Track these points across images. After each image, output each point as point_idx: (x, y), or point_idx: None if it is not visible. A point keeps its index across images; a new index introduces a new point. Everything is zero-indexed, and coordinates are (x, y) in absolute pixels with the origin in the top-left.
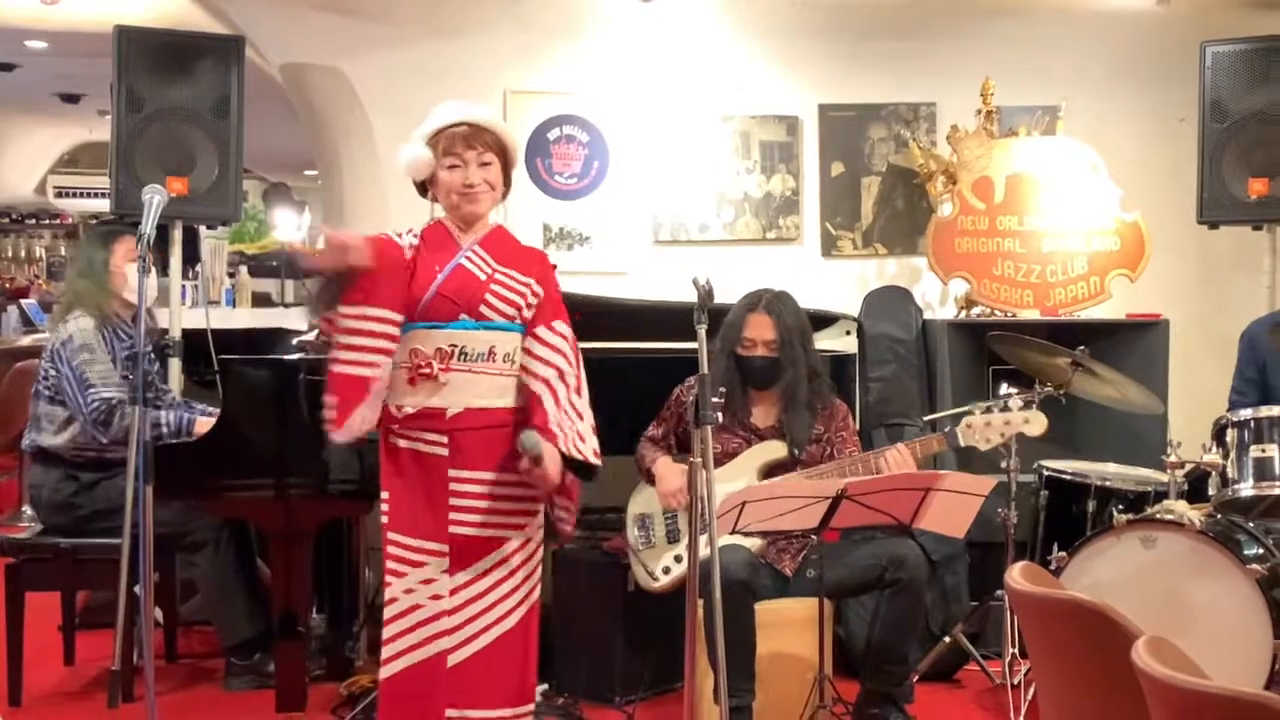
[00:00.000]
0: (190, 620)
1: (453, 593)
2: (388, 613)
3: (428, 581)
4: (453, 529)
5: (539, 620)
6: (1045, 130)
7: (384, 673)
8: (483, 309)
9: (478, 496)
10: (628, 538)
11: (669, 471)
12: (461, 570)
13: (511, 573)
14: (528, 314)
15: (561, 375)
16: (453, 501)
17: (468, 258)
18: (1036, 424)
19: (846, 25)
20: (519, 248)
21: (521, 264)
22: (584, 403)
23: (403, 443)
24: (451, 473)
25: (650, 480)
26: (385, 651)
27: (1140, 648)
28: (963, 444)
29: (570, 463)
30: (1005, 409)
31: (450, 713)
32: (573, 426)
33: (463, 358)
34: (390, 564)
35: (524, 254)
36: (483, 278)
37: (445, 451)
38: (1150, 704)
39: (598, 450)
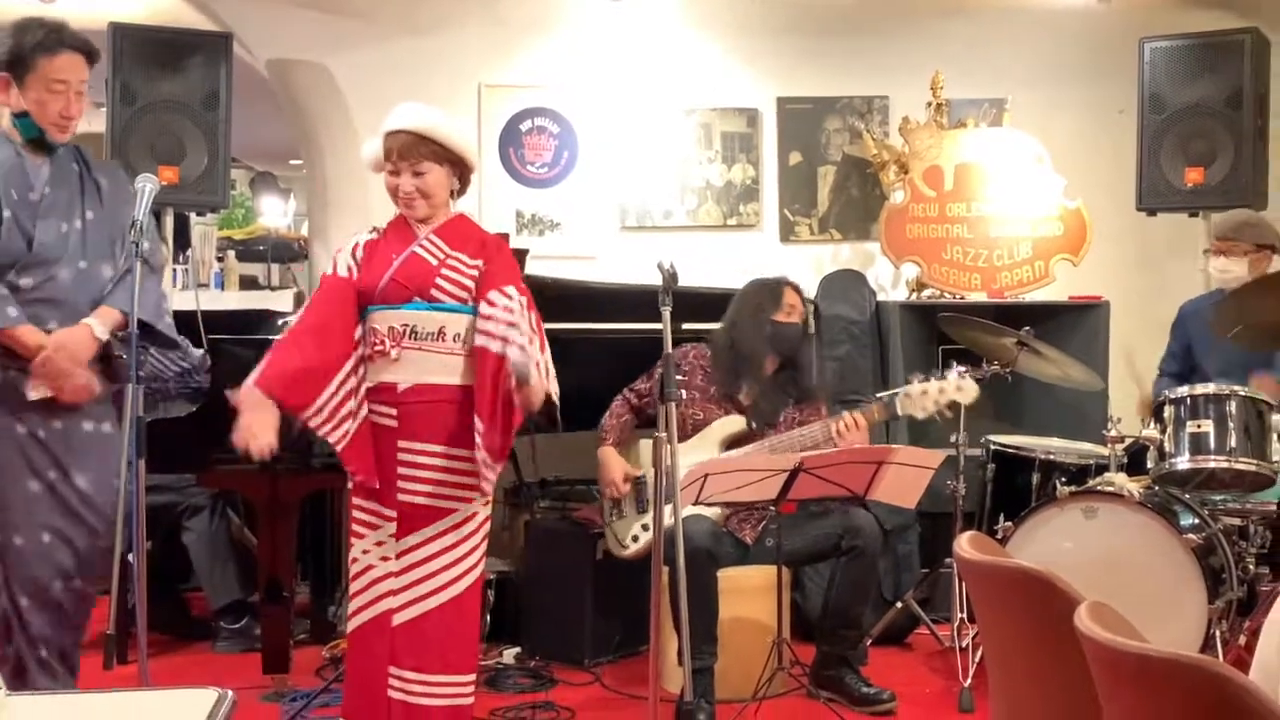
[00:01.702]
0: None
1: (399, 556)
2: (350, 572)
3: (379, 544)
4: (400, 496)
5: (483, 596)
6: (992, 122)
7: (349, 626)
8: (434, 292)
9: (425, 467)
10: (600, 509)
11: (609, 459)
12: (407, 535)
13: (457, 543)
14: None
15: (512, 340)
16: (401, 470)
17: (422, 245)
18: (969, 392)
19: (804, 22)
20: (476, 234)
21: (474, 249)
22: (541, 357)
23: (363, 414)
24: (400, 443)
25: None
26: (350, 608)
27: (1082, 612)
28: (901, 413)
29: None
30: (941, 379)
31: (393, 669)
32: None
33: (414, 336)
34: (354, 526)
35: (479, 239)
36: (434, 263)
37: (395, 423)
38: (1091, 666)
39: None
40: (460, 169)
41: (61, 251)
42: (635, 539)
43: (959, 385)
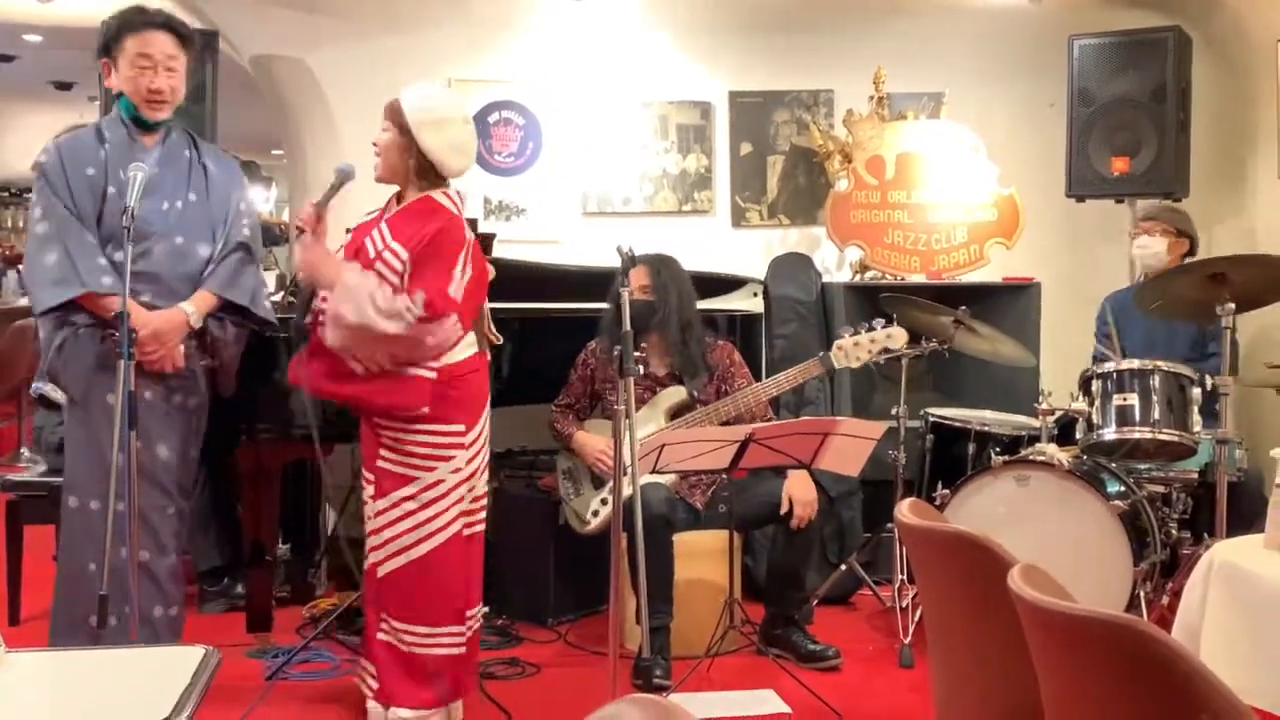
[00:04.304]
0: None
1: (375, 516)
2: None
3: (364, 503)
4: (379, 463)
5: (483, 554)
6: (931, 114)
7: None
8: None
9: (396, 439)
10: (559, 489)
11: (587, 441)
12: (379, 499)
13: (421, 507)
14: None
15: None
16: (382, 439)
17: (371, 236)
18: (898, 337)
19: (754, 21)
20: (425, 224)
21: (408, 235)
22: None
23: None
24: (375, 418)
25: (568, 447)
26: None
27: (1015, 574)
28: (836, 366)
29: None
30: (870, 329)
31: (383, 614)
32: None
33: None
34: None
35: (420, 224)
36: (372, 255)
37: None
38: (1024, 624)
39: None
40: (411, 139)
41: (159, 227)
42: (595, 514)
43: (889, 333)
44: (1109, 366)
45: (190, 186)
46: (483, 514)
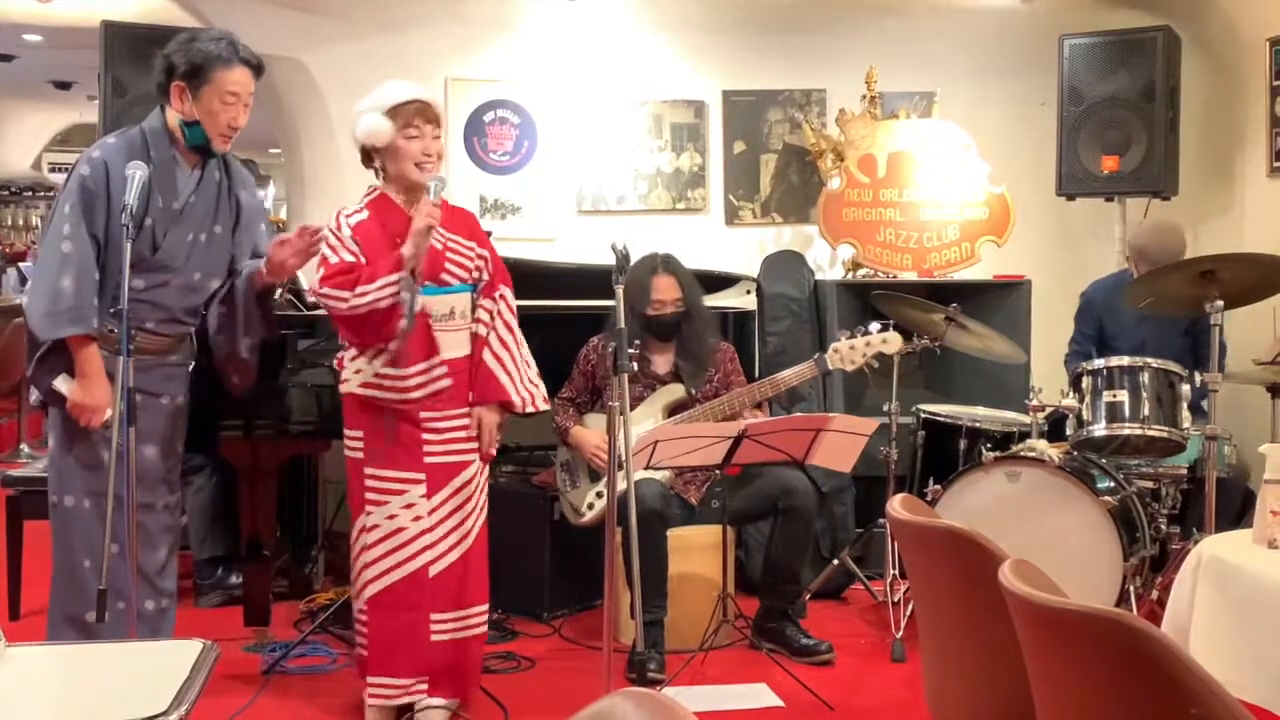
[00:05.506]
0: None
1: (430, 513)
2: (371, 538)
3: (409, 506)
4: (427, 459)
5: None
6: (922, 113)
7: (372, 589)
8: (444, 275)
9: (445, 431)
10: (556, 481)
11: (584, 436)
12: (436, 493)
13: (475, 491)
14: (477, 275)
15: (506, 343)
16: (425, 437)
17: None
18: (893, 342)
19: (747, 20)
20: (454, 211)
21: (463, 229)
22: (523, 355)
23: (379, 393)
24: (423, 414)
25: (565, 441)
26: (372, 571)
27: (1006, 569)
28: (830, 368)
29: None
30: (866, 334)
31: (434, 616)
32: (523, 377)
33: (430, 320)
34: (370, 495)
35: (460, 218)
36: (439, 247)
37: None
38: (1015, 619)
39: (533, 399)
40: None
41: (181, 261)
42: (590, 506)
43: (884, 338)
44: (1098, 363)
45: (217, 219)
46: None
